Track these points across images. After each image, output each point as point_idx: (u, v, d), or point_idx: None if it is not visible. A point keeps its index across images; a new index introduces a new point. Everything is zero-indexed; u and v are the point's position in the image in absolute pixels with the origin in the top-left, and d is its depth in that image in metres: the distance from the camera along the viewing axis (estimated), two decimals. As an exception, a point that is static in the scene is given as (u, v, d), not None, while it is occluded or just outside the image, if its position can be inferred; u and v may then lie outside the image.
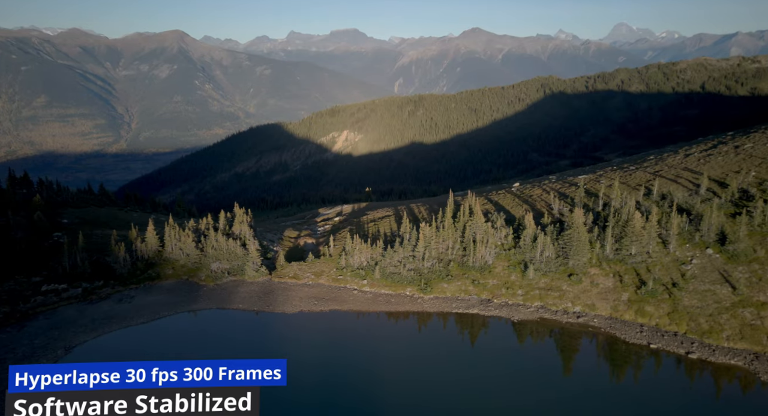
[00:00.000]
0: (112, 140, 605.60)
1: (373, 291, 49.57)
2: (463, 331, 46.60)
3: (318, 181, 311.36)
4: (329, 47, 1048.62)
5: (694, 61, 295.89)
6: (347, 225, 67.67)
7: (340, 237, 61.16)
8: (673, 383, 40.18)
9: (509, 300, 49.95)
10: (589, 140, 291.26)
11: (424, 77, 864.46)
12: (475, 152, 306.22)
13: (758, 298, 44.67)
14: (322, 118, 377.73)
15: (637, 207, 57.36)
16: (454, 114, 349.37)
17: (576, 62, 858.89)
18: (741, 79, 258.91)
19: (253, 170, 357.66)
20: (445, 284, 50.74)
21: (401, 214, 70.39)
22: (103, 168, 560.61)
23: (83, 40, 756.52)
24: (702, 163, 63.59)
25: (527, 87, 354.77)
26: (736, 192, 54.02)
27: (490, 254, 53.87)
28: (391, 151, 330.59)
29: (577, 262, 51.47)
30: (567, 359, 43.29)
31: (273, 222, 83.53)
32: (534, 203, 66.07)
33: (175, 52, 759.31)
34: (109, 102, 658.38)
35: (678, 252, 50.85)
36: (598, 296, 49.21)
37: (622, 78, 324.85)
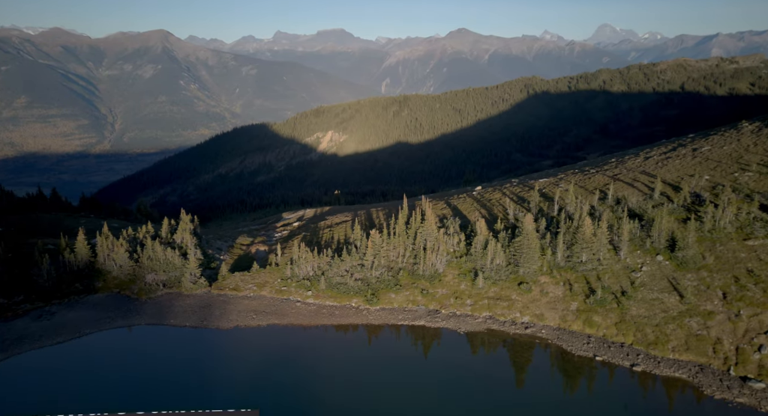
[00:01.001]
0: (96, 141, 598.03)
1: (317, 303, 47.91)
2: (407, 345, 44.98)
3: (302, 182, 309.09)
4: (316, 47, 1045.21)
5: (674, 62, 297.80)
6: (303, 231, 66.08)
7: (291, 245, 59.51)
8: (614, 398, 39.09)
9: (457, 311, 48.65)
10: (572, 140, 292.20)
11: (411, 77, 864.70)
12: (459, 152, 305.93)
13: (705, 307, 43.79)
14: (306, 118, 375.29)
15: (591, 212, 56.43)
16: (438, 114, 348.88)
17: (561, 63, 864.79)
18: (719, 80, 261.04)
19: (237, 171, 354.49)
20: (393, 294, 49.29)
21: (360, 219, 68.92)
22: (86, 170, 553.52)
23: (65, 40, 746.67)
24: (660, 166, 62.85)
25: (511, 87, 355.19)
26: (688, 197, 53.23)
27: (441, 261, 52.56)
28: (376, 151, 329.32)
29: (527, 270, 50.35)
30: (509, 374, 41.94)
31: (232, 227, 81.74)
32: (492, 207, 64.95)
33: (159, 52, 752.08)
34: (92, 102, 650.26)
35: (629, 259, 49.91)
36: (547, 306, 48.11)
37: (604, 78, 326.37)
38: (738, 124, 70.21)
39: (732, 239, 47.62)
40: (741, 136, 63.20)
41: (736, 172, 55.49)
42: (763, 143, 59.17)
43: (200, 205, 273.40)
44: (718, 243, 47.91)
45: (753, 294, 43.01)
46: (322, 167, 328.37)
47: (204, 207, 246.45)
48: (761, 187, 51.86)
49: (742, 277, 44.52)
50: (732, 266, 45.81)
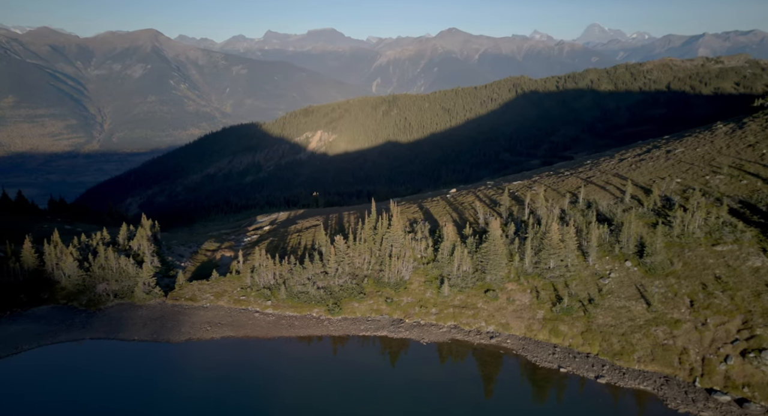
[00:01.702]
0: (84, 141, 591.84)
1: (276, 314, 46.19)
2: (367, 358, 43.22)
3: (291, 182, 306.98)
4: (306, 47, 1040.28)
5: (660, 62, 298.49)
6: (272, 236, 64.39)
7: (256, 251, 57.77)
8: (574, 413, 37.85)
9: (422, 320, 47.20)
10: (560, 140, 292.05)
11: (402, 77, 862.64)
12: (448, 152, 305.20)
13: (672, 315, 42.65)
14: (296, 118, 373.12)
15: (562, 216, 55.23)
16: (427, 114, 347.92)
17: (550, 62, 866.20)
18: (705, 80, 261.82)
19: (226, 171, 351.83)
20: (357, 303, 47.73)
21: (330, 223, 67.39)
22: (75, 170, 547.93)
23: (53, 39, 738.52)
24: (633, 169, 61.79)
25: (499, 87, 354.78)
26: (658, 201, 52.12)
27: (408, 268, 51.12)
28: (365, 151, 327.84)
29: (494, 277, 49.04)
30: (470, 388, 40.26)
31: (204, 231, 79.90)
32: (463, 211, 63.60)
33: (148, 52, 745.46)
34: (81, 102, 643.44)
35: (597, 265, 48.72)
36: (513, 314, 46.81)
37: (591, 78, 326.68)
38: (712, 125, 69.35)
39: (701, 245, 46.54)
40: (715, 138, 62.25)
41: (707, 175, 54.47)
42: (735, 144, 58.21)
43: (187, 205, 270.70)
44: (686, 249, 46.83)
45: (720, 302, 41.92)
46: (311, 167, 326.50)
47: (190, 208, 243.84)
48: (731, 190, 50.85)
49: (709, 284, 43.43)
50: (700, 272, 44.71)
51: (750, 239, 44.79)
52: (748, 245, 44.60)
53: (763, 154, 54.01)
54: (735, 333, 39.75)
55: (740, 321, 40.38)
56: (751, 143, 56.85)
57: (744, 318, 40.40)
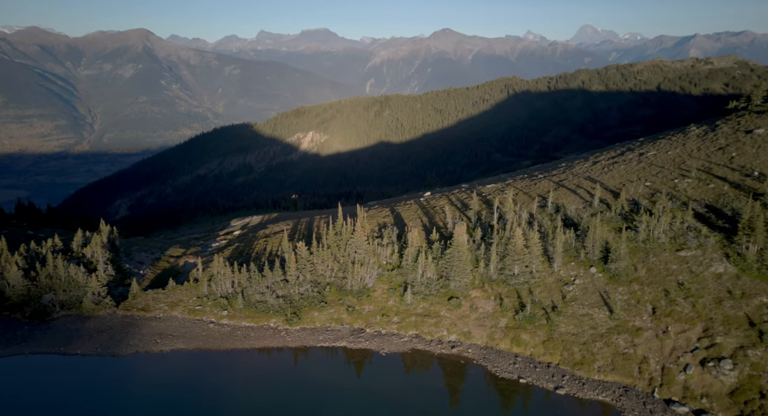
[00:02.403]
0: (74, 142, 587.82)
1: (231, 324, 44.80)
2: (322, 371, 41.60)
3: (282, 183, 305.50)
4: (300, 47, 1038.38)
5: (651, 63, 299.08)
6: (238, 242, 63.08)
7: (215, 258, 56.40)
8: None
9: (383, 329, 45.98)
10: (551, 141, 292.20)
11: (396, 77, 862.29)
12: (440, 152, 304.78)
13: (634, 323, 41.71)
14: (287, 118, 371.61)
15: (530, 221, 54.27)
16: (419, 115, 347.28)
17: (544, 63, 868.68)
18: (694, 80, 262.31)
19: (216, 172, 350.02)
20: (317, 312, 46.47)
21: (299, 228, 66.17)
22: (65, 171, 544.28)
23: (42, 39, 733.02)
24: (605, 172, 60.92)
25: (491, 88, 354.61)
26: (625, 205, 51.21)
27: (372, 275, 49.94)
28: (357, 152, 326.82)
29: (458, 284, 47.94)
30: (425, 401, 38.84)
31: (185, 234, 78.48)
32: (434, 215, 62.55)
33: (139, 51, 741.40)
34: (70, 102, 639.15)
35: (562, 271, 47.74)
36: (476, 323, 45.73)
37: (582, 79, 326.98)
38: (686, 127, 68.61)
39: (665, 250, 45.66)
40: (687, 140, 61.47)
41: (676, 178, 53.62)
42: (706, 147, 57.41)
43: (176, 207, 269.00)
44: (651, 254, 45.93)
45: (682, 309, 41.02)
46: (303, 168, 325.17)
47: (178, 210, 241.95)
48: (698, 194, 50.00)
49: (672, 291, 42.52)
50: (663, 278, 43.81)
51: (714, 244, 43.93)
52: (712, 250, 43.73)
53: (732, 157, 53.23)
54: (695, 342, 38.85)
55: (701, 328, 39.49)
56: (721, 146, 56.06)
57: (705, 325, 39.51)
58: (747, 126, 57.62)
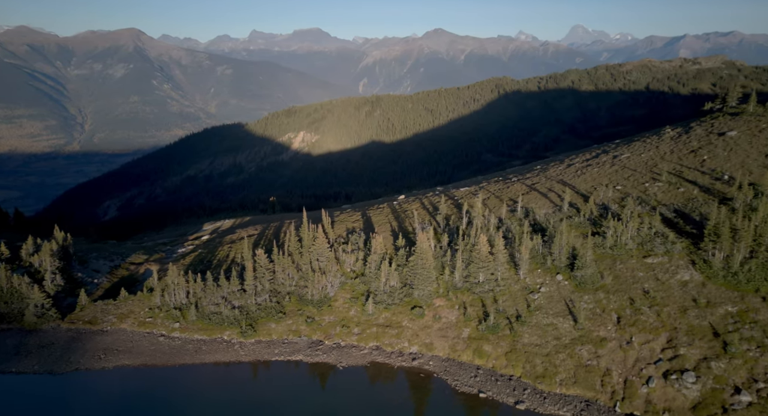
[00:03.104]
0: (64, 142, 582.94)
1: (183, 337, 42.99)
2: (272, 388, 39.51)
3: (272, 183, 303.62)
4: (292, 47, 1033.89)
5: (639, 63, 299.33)
6: (204, 248, 61.36)
7: (170, 266, 54.64)
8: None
9: (343, 341, 44.38)
10: (541, 140, 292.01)
11: (389, 77, 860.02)
12: (431, 152, 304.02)
13: (598, 333, 40.41)
14: (278, 118, 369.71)
15: (499, 226, 52.93)
16: (410, 115, 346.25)
17: (535, 63, 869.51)
18: (682, 80, 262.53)
19: (206, 173, 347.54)
20: (274, 324, 44.80)
21: (266, 233, 64.51)
22: (55, 171, 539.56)
23: (31, 38, 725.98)
24: (578, 175, 59.64)
25: (482, 88, 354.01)
26: (594, 209, 49.92)
27: (334, 284, 48.40)
28: (348, 152, 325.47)
29: (422, 292, 46.47)
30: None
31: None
32: (405, 219, 61.08)
33: (130, 51, 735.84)
34: (61, 102, 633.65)
35: (528, 279, 46.39)
36: (438, 333, 44.26)
37: (572, 79, 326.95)
38: (661, 129, 67.47)
39: (632, 257, 44.39)
40: (661, 142, 60.27)
41: (647, 182, 52.39)
42: (679, 150, 56.22)
43: (165, 208, 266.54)
44: (618, 261, 44.66)
45: (646, 319, 39.75)
46: (293, 168, 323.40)
47: (166, 211, 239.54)
48: (668, 198, 48.78)
49: (637, 299, 41.25)
50: (629, 286, 42.55)
51: (680, 251, 42.69)
52: (679, 257, 42.50)
53: (704, 160, 52.04)
54: (659, 352, 37.59)
55: (665, 339, 38.23)
56: (693, 149, 54.88)
57: (669, 335, 38.26)
58: (720, 128, 56.47)
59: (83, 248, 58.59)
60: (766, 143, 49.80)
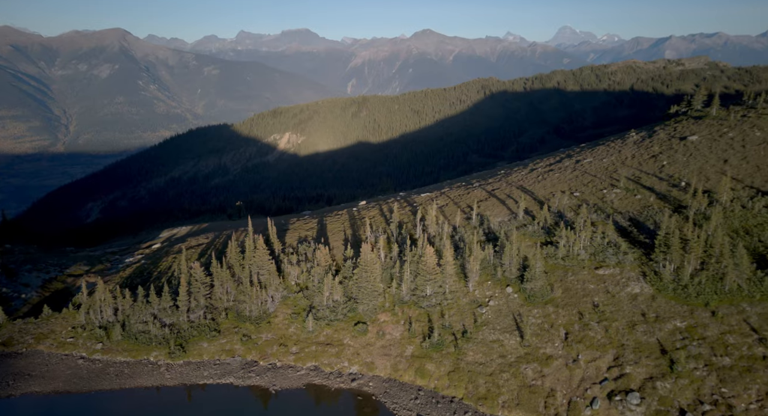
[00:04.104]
0: (49, 144, 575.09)
1: (105, 359, 40.11)
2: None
3: (258, 185, 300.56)
4: (280, 47, 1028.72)
5: (624, 64, 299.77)
6: (148, 259, 58.69)
7: (119, 277, 52.09)
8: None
9: (279, 361, 41.77)
10: (527, 141, 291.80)
11: (377, 78, 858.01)
12: (417, 153, 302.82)
13: (545, 350, 38.34)
14: (263, 119, 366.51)
15: (453, 234, 50.82)
16: (397, 115, 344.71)
17: (523, 64, 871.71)
18: (666, 81, 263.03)
19: (191, 174, 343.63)
20: (206, 343, 42.15)
21: (216, 242, 61.92)
22: (39, 173, 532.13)
23: (14, 39, 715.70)
24: (539, 180, 57.70)
25: (468, 88, 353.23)
26: (549, 217, 47.93)
27: (276, 298, 45.95)
28: (335, 153, 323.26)
29: (366, 307, 44.15)
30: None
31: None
32: (360, 227, 58.78)
33: (116, 51, 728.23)
34: (45, 103, 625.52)
35: (478, 292, 44.25)
36: (380, 352, 41.94)
37: (558, 80, 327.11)
38: (627, 133, 65.76)
39: (584, 268, 42.42)
40: (624, 146, 58.51)
41: (605, 188, 50.50)
42: (640, 155, 54.45)
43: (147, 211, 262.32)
44: (570, 272, 42.66)
45: (594, 335, 37.76)
46: (279, 170, 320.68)
47: (154, 212, 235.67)
48: (624, 206, 46.90)
49: (586, 313, 39.27)
50: (579, 299, 40.55)
51: (632, 262, 40.78)
52: (630, 268, 40.58)
53: (663, 166, 50.26)
54: (605, 371, 35.58)
55: (612, 356, 36.25)
56: (654, 154, 53.11)
57: (616, 353, 36.27)
58: (682, 132, 54.79)
59: (19, 258, 55.70)
60: (726, 148, 48.13)
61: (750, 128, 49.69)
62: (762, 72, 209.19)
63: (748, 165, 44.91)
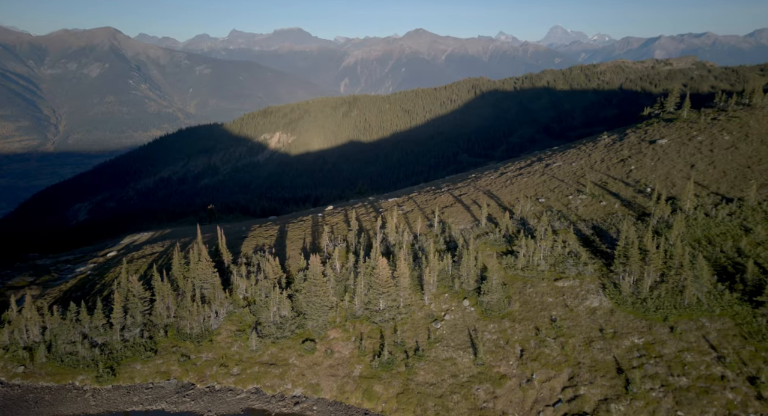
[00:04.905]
0: (38, 144, 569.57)
1: (25, 384, 37.31)
2: None
3: (248, 185, 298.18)
4: (273, 46, 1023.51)
5: (613, 64, 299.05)
6: (98, 268, 56.19)
7: (58, 291, 49.56)
8: None
9: (218, 383, 39.26)
10: (517, 141, 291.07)
11: (370, 77, 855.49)
12: (408, 153, 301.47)
13: (498, 369, 36.22)
14: (254, 119, 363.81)
15: (413, 243, 48.65)
16: (388, 115, 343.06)
17: (516, 63, 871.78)
18: (654, 81, 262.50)
19: (180, 175, 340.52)
20: (140, 364, 39.52)
21: (169, 251, 59.42)
22: (28, 173, 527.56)
23: (3, 37, 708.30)
24: (506, 185, 55.61)
25: (459, 88, 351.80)
26: (510, 225, 45.83)
27: (219, 314, 43.38)
28: (325, 153, 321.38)
29: (316, 323, 41.85)
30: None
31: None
32: (320, 235, 56.46)
33: (106, 50, 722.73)
34: (34, 103, 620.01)
35: (434, 305, 42.08)
36: (327, 372, 39.65)
37: (547, 79, 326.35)
38: (599, 135, 63.78)
39: (544, 279, 40.35)
40: (594, 150, 56.50)
41: (571, 194, 48.44)
42: (609, 159, 52.45)
43: (134, 212, 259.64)
44: (529, 284, 40.58)
45: (550, 352, 35.68)
46: (269, 170, 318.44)
47: (142, 213, 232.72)
48: (589, 213, 44.85)
49: (543, 328, 37.20)
50: (537, 313, 38.48)
51: (592, 273, 38.74)
52: (590, 280, 38.54)
53: (631, 170, 48.23)
54: (559, 392, 33.52)
55: (567, 376, 34.19)
56: (623, 158, 51.11)
57: (572, 372, 34.23)
58: (652, 136, 52.82)
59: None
60: (694, 153, 46.17)
61: (719, 132, 47.73)
62: (748, 72, 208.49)
63: (714, 170, 42.95)
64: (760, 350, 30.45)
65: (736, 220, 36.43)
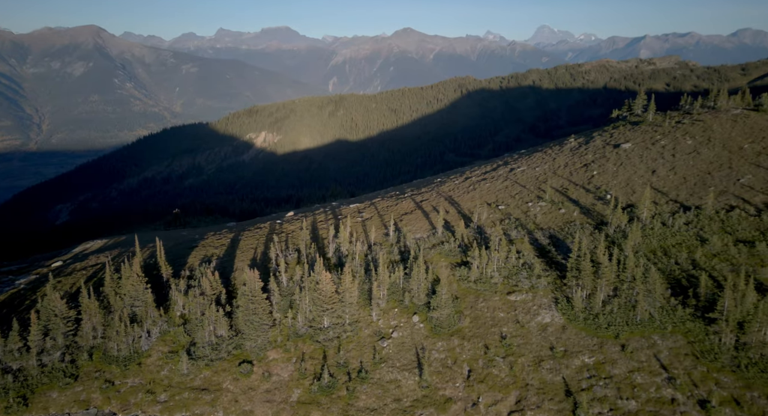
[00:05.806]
0: (20, 143, 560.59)
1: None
2: None
3: (233, 185, 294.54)
4: (260, 45, 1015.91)
5: (597, 63, 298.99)
6: (35, 282, 53.16)
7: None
8: None
9: (142, 412, 36.21)
10: (503, 140, 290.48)
11: (359, 76, 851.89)
12: (395, 152, 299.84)
13: (444, 392, 33.92)
14: (239, 118, 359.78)
15: (367, 253, 46.23)
16: (374, 114, 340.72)
17: (503, 62, 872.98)
18: (638, 80, 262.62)
19: (165, 174, 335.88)
20: (56, 393, 36.53)
21: (119, 259, 56.53)
22: (10, 173, 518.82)
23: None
24: (469, 190, 53.36)
25: (445, 87, 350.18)
26: (466, 235, 43.56)
27: (151, 334, 40.41)
28: (311, 152, 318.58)
29: (254, 343, 39.16)
30: None
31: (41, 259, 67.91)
32: (267, 245, 53.84)
33: (90, 49, 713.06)
34: (16, 102, 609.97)
35: (382, 321, 39.66)
36: (263, 397, 37.05)
37: (533, 79, 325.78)
38: (566, 139, 61.80)
39: (496, 293, 38.13)
40: (560, 154, 54.41)
41: (531, 201, 46.26)
42: (573, 163, 50.37)
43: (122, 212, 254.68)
44: (481, 298, 38.34)
45: (498, 372, 33.46)
46: (254, 170, 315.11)
47: (124, 214, 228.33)
48: (547, 221, 42.67)
49: (492, 346, 34.96)
50: (487, 330, 36.24)
51: (545, 286, 36.56)
52: (543, 294, 36.36)
53: (593, 176, 46.15)
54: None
55: (515, 399, 31.97)
56: (587, 162, 49.04)
57: (519, 394, 32.01)
58: (617, 139, 50.82)
59: None
60: (656, 158, 44.19)
61: (682, 136, 45.78)
62: (730, 71, 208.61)
63: (675, 176, 40.96)
64: (712, 371, 28.43)
65: (693, 230, 34.45)
